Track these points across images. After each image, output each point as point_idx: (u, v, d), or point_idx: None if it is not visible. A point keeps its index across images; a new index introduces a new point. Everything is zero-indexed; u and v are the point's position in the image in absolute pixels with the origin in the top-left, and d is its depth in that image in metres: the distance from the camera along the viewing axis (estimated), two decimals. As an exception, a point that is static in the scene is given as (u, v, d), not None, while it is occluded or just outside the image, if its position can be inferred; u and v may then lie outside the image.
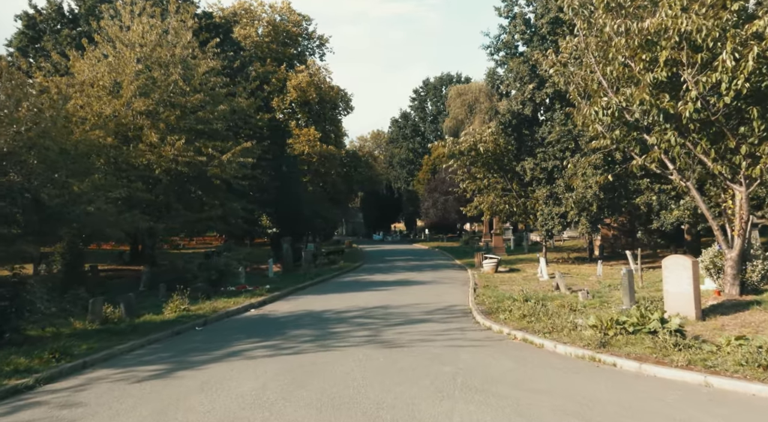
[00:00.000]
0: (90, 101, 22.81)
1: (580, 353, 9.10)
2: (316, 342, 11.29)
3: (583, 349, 9.16)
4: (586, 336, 9.69)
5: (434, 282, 23.50)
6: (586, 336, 9.73)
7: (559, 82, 15.54)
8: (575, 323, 10.74)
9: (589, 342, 9.37)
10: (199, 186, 25.17)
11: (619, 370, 8.28)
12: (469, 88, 74.48)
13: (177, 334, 12.86)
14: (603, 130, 14.09)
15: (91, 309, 14.32)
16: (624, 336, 9.49)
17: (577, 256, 33.77)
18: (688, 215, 22.12)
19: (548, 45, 28.22)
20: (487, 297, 16.30)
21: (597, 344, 9.19)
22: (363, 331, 12.33)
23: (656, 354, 8.40)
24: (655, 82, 11.99)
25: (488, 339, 10.89)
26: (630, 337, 9.40)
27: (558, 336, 10.21)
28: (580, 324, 10.59)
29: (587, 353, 8.99)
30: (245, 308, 16.79)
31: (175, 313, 15.21)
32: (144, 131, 23.22)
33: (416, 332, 11.89)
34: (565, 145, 26.11)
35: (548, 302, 14.48)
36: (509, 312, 12.82)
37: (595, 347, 9.15)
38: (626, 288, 13.27)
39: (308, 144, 49.28)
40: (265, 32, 56.30)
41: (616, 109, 12.88)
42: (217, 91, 25.64)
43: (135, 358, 10.37)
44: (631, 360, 8.30)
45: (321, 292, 21.17)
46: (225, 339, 12.02)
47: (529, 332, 10.77)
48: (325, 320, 14.25)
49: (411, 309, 15.57)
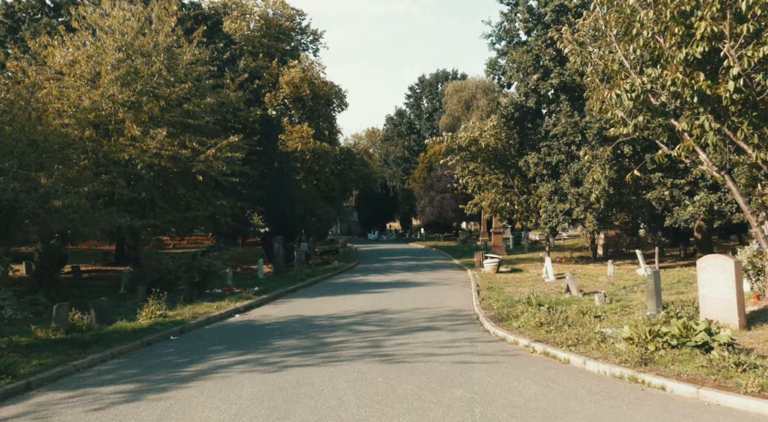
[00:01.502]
0: (67, 92, 21.31)
1: (617, 372, 7.65)
2: (305, 355, 9.83)
3: (620, 367, 7.71)
4: (621, 351, 8.25)
5: (434, 284, 22.14)
6: (621, 350, 8.28)
7: (575, 64, 14.08)
8: (603, 333, 9.29)
9: (626, 359, 7.91)
10: (184, 183, 23.67)
11: (670, 396, 6.81)
12: (466, 84, 73.21)
13: (148, 345, 11.37)
14: (624, 116, 12.66)
15: (55, 316, 12.83)
16: (667, 350, 8.03)
17: (580, 256, 32.46)
18: (703, 211, 20.74)
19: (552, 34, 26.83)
20: (494, 301, 14.88)
21: (636, 361, 7.75)
22: (358, 342, 10.88)
23: (715, 376, 6.94)
24: (689, 60, 10.58)
25: (503, 353, 9.43)
26: (674, 352, 7.94)
27: (585, 349, 8.76)
28: (610, 335, 9.16)
29: (626, 372, 7.53)
30: (229, 313, 15.32)
31: (151, 320, 13.75)
32: (126, 124, 21.72)
33: (419, 343, 10.44)
34: (571, 138, 24.69)
35: (563, 307, 13.06)
36: (523, 319, 11.35)
37: (634, 364, 7.70)
38: (652, 292, 11.87)
39: (301, 141, 47.79)
40: (257, 26, 54.82)
41: (641, 91, 11.46)
42: (204, 82, 24.12)
43: (92, 377, 8.88)
44: (685, 383, 6.84)
45: (313, 295, 19.74)
46: (201, 351, 10.56)
47: (550, 344, 9.31)
48: (316, 328, 12.80)
49: (411, 315, 14.14)
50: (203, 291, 19.02)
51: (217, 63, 26.67)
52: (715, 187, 21.59)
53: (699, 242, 28.34)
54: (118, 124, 22.15)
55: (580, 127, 24.14)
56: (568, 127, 24.56)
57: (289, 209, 35.69)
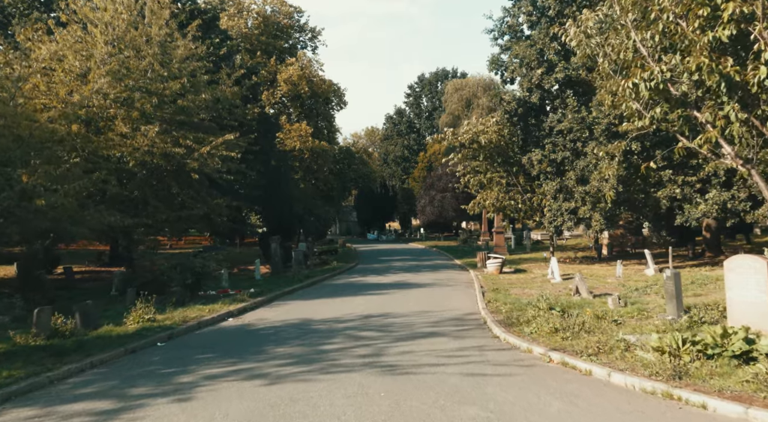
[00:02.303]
0: (56, 87, 20.52)
1: (649, 386, 6.84)
2: (300, 365, 9.03)
3: (652, 381, 6.91)
4: (649, 361, 7.44)
5: (436, 285, 21.37)
6: (649, 361, 7.48)
7: (583, 56, 13.29)
8: (626, 341, 8.48)
9: (657, 371, 7.10)
10: (178, 181, 22.89)
11: (714, 416, 5.99)
12: (467, 82, 72.49)
13: (132, 353, 10.56)
14: (640, 108, 11.86)
15: (35, 321, 12.05)
16: (702, 361, 7.23)
17: (584, 256, 31.67)
18: (716, 209, 19.96)
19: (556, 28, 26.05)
20: (502, 304, 14.08)
21: (669, 374, 6.94)
22: (358, 349, 10.08)
23: (764, 393, 6.12)
24: (715, 44, 9.79)
25: (517, 363, 8.62)
26: (711, 364, 7.14)
27: (608, 359, 7.95)
28: (634, 343, 8.36)
29: (659, 386, 6.73)
30: (222, 317, 14.52)
31: (138, 324, 12.95)
32: (116, 121, 20.95)
33: (424, 351, 9.63)
34: (578, 134, 23.90)
35: (575, 310, 12.27)
36: (535, 324, 10.53)
37: (667, 378, 6.89)
38: (672, 295, 11.09)
39: (300, 139, 46.96)
40: (255, 24, 54.01)
41: (660, 80, 10.68)
42: (199, 77, 23.32)
43: (66, 391, 8.08)
44: (729, 401, 6.02)
45: (311, 297, 18.96)
46: (188, 360, 9.75)
47: (568, 353, 8.50)
48: (314, 333, 12.01)
49: (415, 318, 13.35)
50: (196, 293, 18.22)
51: (212, 58, 25.89)
52: (728, 184, 20.83)
53: (707, 241, 27.58)
54: (109, 121, 21.39)
55: (587, 123, 23.33)
56: (574, 122, 23.77)
57: (287, 208, 34.92)
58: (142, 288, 19.94)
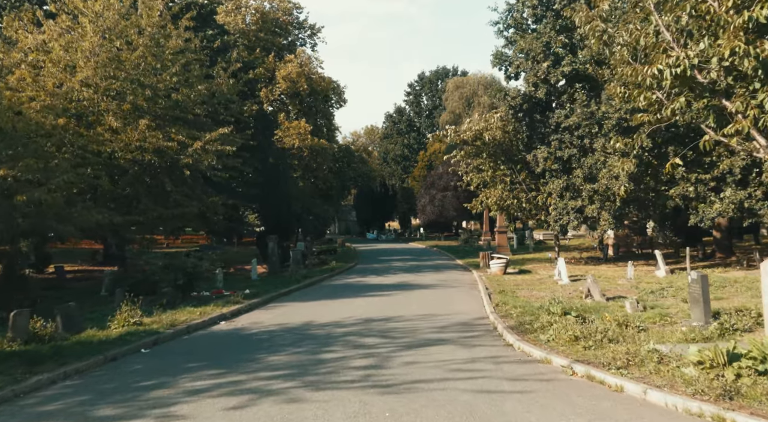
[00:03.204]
0: (44, 80, 19.66)
1: (695, 407, 5.95)
2: (295, 378, 8.15)
3: (698, 401, 6.02)
4: (691, 377, 6.56)
5: (439, 286, 20.54)
6: (690, 376, 6.60)
7: (598, 43, 12.42)
8: (659, 352, 7.60)
9: (702, 389, 6.20)
10: (172, 178, 22.03)
11: (777, 445, 5.18)
12: (467, 80, 71.75)
13: (112, 361, 9.67)
14: (662, 98, 10.99)
15: (12, 325, 11.17)
16: (751, 377, 6.36)
17: (589, 256, 30.85)
18: (732, 209, 19.09)
19: (563, 21, 25.20)
20: (512, 308, 13.21)
21: (718, 393, 6.04)
22: (358, 359, 9.20)
23: (836, 420, 5.30)
24: (750, 25, 8.93)
25: (537, 377, 7.72)
26: (764, 382, 6.26)
27: (641, 373, 7.08)
28: (667, 354, 7.49)
29: (707, 408, 5.84)
30: (214, 320, 13.64)
31: (123, 328, 12.09)
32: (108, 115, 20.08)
33: (431, 363, 8.74)
34: (586, 129, 23.02)
35: (592, 315, 11.42)
36: (552, 331, 9.64)
37: (715, 398, 6.00)
38: (698, 299, 10.22)
39: (299, 137, 46.03)
40: (253, 20, 53.09)
41: (687, 66, 9.82)
42: (193, 70, 22.44)
43: (29, 407, 7.20)
44: (795, 430, 5.20)
45: (309, 298, 18.11)
46: (172, 369, 8.88)
47: (593, 365, 7.62)
48: (310, 339, 11.14)
49: (419, 323, 12.49)
50: (189, 295, 17.35)
51: (207, 52, 24.99)
52: (743, 183, 19.97)
53: (717, 242, 26.72)
54: (100, 115, 20.53)
55: (596, 118, 22.45)
56: (582, 118, 22.89)
57: (285, 207, 34.03)
58: (132, 288, 19.03)
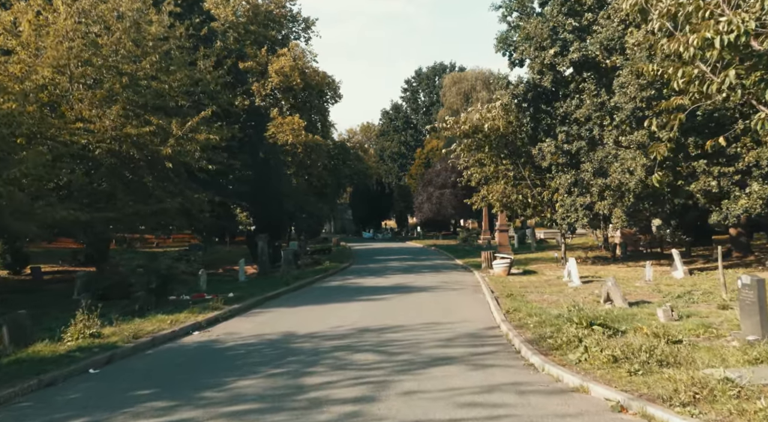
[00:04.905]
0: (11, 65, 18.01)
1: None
2: (266, 414, 6.51)
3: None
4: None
5: (439, 289, 19.02)
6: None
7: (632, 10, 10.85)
8: (732, 382, 5.94)
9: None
10: (153, 172, 20.41)
11: None
12: (465, 75, 70.28)
13: (48, 387, 7.94)
14: (706, 71, 9.39)
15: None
16: None
17: (596, 255, 29.34)
18: (760, 205, 17.52)
19: (572, 4, 23.62)
20: (526, 316, 11.60)
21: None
22: (349, 386, 7.48)
23: None
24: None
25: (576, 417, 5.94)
26: None
27: (716, 414, 5.29)
28: (743, 386, 5.84)
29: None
30: (185, 330, 11.99)
31: (78, 341, 10.43)
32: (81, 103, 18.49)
33: (437, 392, 7.04)
34: (597, 121, 21.44)
35: (621, 325, 9.83)
36: (582, 349, 7.98)
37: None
38: (753, 308, 8.62)
39: (292, 133, 44.42)
40: (244, 12, 51.42)
41: (741, 32, 8.23)
42: (174, 55, 20.79)
43: None
44: None
45: (298, 303, 16.52)
46: (112, 400, 7.16)
47: (647, 399, 5.87)
48: (293, 355, 9.50)
49: (420, 334, 10.88)
50: (166, 299, 15.73)
51: (193, 41, 23.32)
52: (770, 177, 18.44)
53: (733, 240, 25.17)
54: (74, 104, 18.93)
55: (608, 108, 20.85)
56: (593, 109, 21.30)
57: (277, 205, 32.36)
58: (105, 292, 17.46)
